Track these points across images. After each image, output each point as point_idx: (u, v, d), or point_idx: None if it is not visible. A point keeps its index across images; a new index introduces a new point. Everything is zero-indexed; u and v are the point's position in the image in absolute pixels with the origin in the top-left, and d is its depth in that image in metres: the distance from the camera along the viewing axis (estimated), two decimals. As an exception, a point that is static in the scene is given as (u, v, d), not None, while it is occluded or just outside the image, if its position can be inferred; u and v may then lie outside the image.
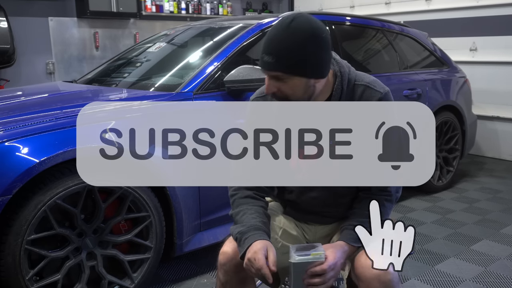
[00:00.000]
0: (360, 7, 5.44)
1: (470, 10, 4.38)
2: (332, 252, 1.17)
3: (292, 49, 1.12)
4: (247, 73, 2.09)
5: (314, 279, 1.13)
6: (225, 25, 2.65)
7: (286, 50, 1.12)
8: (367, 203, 1.18)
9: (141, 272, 1.92)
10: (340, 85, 1.24)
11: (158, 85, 2.29)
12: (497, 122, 4.40)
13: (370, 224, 1.13)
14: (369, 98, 1.25)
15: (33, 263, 1.71)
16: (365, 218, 1.17)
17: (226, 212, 2.19)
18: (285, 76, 1.15)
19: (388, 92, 1.27)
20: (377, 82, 1.28)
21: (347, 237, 1.23)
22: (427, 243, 2.58)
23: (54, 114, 1.82)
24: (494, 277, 2.19)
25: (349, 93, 1.25)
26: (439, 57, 3.56)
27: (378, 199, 1.21)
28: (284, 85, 1.17)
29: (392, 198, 1.31)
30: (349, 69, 1.28)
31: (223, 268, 1.24)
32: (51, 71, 4.84)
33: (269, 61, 1.14)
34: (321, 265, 1.13)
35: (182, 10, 5.66)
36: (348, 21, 3.02)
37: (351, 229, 1.18)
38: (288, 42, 1.12)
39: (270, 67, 1.15)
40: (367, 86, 1.26)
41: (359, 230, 1.13)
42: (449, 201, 3.28)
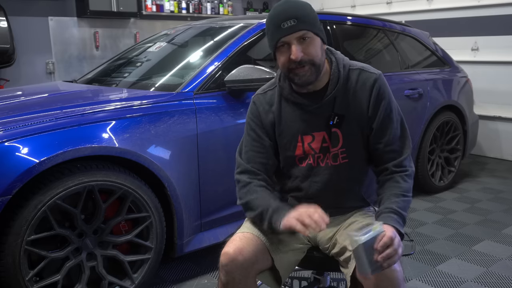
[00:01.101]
0: (362, 6, 5.43)
1: (472, 9, 4.37)
2: (386, 226, 1.17)
3: (306, 11, 1.25)
4: (248, 73, 2.08)
5: (388, 250, 1.11)
6: (226, 25, 2.64)
7: (303, 11, 1.25)
8: (391, 183, 1.30)
9: (141, 273, 1.92)
10: (337, 68, 1.33)
11: (159, 85, 2.28)
12: (499, 122, 4.39)
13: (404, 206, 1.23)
14: (366, 80, 1.33)
15: (33, 264, 1.70)
16: (397, 198, 1.26)
17: (227, 213, 2.20)
18: (308, 34, 1.24)
19: (381, 74, 1.35)
20: (370, 66, 1.37)
21: (390, 220, 1.22)
22: (429, 243, 2.57)
23: (54, 114, 1.81)
24: (495, 277, 2.18)
25: (346, 76, 1.33)
26: (440, 56, 3.55)
27: (399, 177, 1.31)
28: (308, 46, 1.25)
29: (410, 173, 1.34)
30: (342, 57, 1.37)
31: (225, 269, 1.24)
32: (51, 71, 4.83)
33: (292, 24, 1.22)
34: (387, 235, 1.11)
35: (183, 10, 5.65)
36: (350, 21, 3.01)
37: (391, 212, 1.24)
38: (300, 7, 1.25)
39: (295, 29, 1.23)
40: (362, 69, 1.35)
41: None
42: (450, 201, 3.27)
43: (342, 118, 1.33)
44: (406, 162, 1.35)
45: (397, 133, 1.35)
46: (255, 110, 1.41)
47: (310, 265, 1.46)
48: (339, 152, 1.35)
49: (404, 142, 1.36)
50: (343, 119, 1.33)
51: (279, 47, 1.26)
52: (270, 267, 1.33)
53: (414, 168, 1.37)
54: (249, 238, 1.29)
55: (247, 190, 1.34)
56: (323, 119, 1.34)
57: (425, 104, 3.18)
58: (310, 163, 1.37)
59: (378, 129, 1.33)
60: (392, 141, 1.34)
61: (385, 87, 1.34)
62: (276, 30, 1.24)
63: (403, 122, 1.39)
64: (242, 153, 1.40)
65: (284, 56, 1.27)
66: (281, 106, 1.38)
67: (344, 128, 1.33)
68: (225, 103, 2.16)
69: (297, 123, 1.36)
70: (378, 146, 1.35)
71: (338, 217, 1.41)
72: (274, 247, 1.32)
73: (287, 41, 1.24)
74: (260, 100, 1.41)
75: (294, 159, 1.38)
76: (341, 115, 1.32)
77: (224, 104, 2.16)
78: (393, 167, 1.33)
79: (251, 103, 1.43)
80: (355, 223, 1.35)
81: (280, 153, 1.40)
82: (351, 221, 1.37)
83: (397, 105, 1.38)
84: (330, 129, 1.34)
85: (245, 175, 1.37)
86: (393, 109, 1.35)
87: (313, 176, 1.37)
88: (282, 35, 1.23)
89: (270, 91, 1.41)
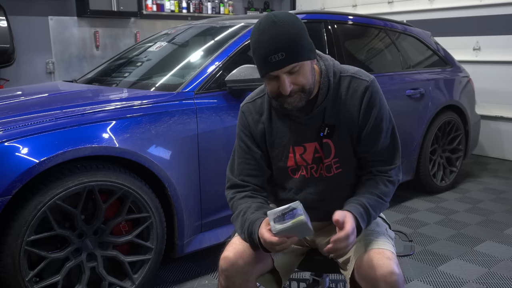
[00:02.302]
0: (363, 6, 5.42)
1: (474, 9, 4.36)
2: (348, 217, 1.17)
3: (293, 38, 1.15)
4: (249, 73, 2.07)
5: (339, 244, 1.12)
6: (227, 24, 2.63)
7: (290, 40, 1.15)
8: (371, 183, 1.28)
9: (141, 273, 1.91)
10: (327, 77, 1.27)
11: (159, 84, 2.27)
12: (501, 122, 4.38)
13: (377, 204, 1.23)
14: (356, 88, 1.28)
15: (33, 264, 1.70)
16: (371, 196, 1.25)
17: (227, 213, 2.19)
18: (298, 65, 1.17)
19: (373, 80, 1.29)
20: (362, 72, 1.31)
21: (353, 209, 1.21)
22: (430, 244, 2.56)
23: (54, 114, 1.80)
24: (497, 278, 2.17)
25: (336, 85, 1.28)
26: (442, 56, 3.54)
27: (380, 179, 1.28)
28: (297, 76, 1.19)
29: (393, 180, 1.32)
30: (333, 62, 1.31)
31: (224, 273, 1.23)
32: (51, 70, 4.82)
33: (280, 59, 1.15)
34: (344, 231, 1.13)
35: (183, 9, 5.64)
36: (351, 20, 3.00)
37: (359, 204, 1.22)
38: (286, 34, 1.15)
39: (283, 63, 1.15)
40: (353, 76, 1.29)
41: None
42: (452, 201, 3.26)
43: (333, 128, 1.29)
44: (393, 172, 1.31)
45: (386, 142, 1.31)
46: (244, 120, 1.36)
47: (309, 267, 1.45)
48: (332, 162, 1.31)
49: (393, 153, 1.32)
50: (334, 130, 1.29)
51: (267, 77, 1.21)
52: (270, 269, 1.32)
53: (400, 178, 1.34)
54: None
55: (231, 205, 1.35)
56: (313, 130, 1.30)
57: (426, 104, 3.17)
58: (303, 174, 1.33)
59: (366, 138, 1.29)
60: (380, 152, 1.30)
61: (377, 94, 1.28)
62: (263, 63, 1.17)
63: (395, 132, 1.33)
64: (235, 164, 1.37)
65: (272, 86, 1.21)
66: (271, 116, 1.34)
67: (335, 139, 1.30)
68: (225, 103, 2.15)
69: (288, 134, 1.32)
70: (365, 155, 1.32)
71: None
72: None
73: (276, 74, 1.18)
74: (250, 109, 1.36)
75: (286, 170, 1.35)
76: (332, 126, 1.28)
77: (225, 104, 2.15)
78: (377, 172, 1.31)
79: (239, 113, 1.39)
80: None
81: (273, 164, 1.37)
82: None
83: (389, 113, 1.33)
84: (322, 140, 1.30)
85: (231, 190, 1.36)
86: (384, 118, 1.30)
87: (308, 187, 1.34)
88: (269, 69, 1.17)
89: (259, 99, 1.36)
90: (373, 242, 1.23)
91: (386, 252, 1.18)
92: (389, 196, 1.31)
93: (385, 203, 1.29)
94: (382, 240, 1.24)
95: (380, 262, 1.15)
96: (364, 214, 1.22)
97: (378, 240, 1.24)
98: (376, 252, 1.18)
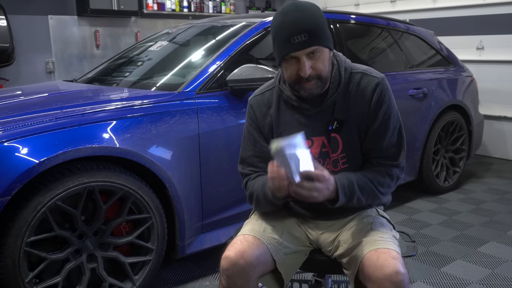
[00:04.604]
0: (365, 5, 5.40)
1: (477, 8, 4.34)
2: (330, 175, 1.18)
3: (316, 23, 1.20)
4: (250, 72, 2.06)
5: (314, 184, 1.13)
6: (228, 24, 2.62)
7: (314, 23, 1.19)
8: (368, 170, 1.30)
9: (142, 275, 1.90)
10: (338, 72, 1.29)
11: (160, 84, 2.26)
12: (505, 122, 4.36)
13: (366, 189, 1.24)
14: (367, 84, 1.29)
15: (33, 265, 1.69)
16: (364, 178, 1.26)
17: (229, 214, 2.18)
18: (318, 49, 1.20)
19: (384, 77, 1.31)
20: (373, 69, 1.33)
21: (337, 178, 1.22)
22: (433, 245, 2.54)
23: (54, 114, 1.79)
24: (501, 279, 2.15)
25: (347, 80, 1.30)
26: (445, 56, 3.52)
27: (378, 169, 1.30)
28: (317, 61, 1.21)
29: (393, 174, 1.31)
30: (344, 59, 1.33)
31: (226, 273, 1.22)
32: (51, 70, 4.81)
33: (303, 40, 1.17)
34: (324, 172, 1.15)
35: (184, 8, 5.63)
36: (353, 19, 2.98)
37: (347, 179, 1.24)
38: (311, 17, 1.19)
39: (306, 45, 1.18)
40: (364, 73, 1.31)
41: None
42: (455, 202, 3.24)
43: (341, 123, 1.29)
44: (394, 168, 1.31)
45: (392, 141, 1.31)
46: (252, 114, 1.39)
47: (312, 268, 1.44)
48: (339, 157, 1.32)
49: (397, 151, 1.32)
50: (342, 124, 1.30)
51: (286, 59, 1.22)
52: (272, 270, 1.31)
53: (401, 177, 1.34)
54: (251, 240, 1.27)
55: (245, 186, 1.39)
56: (322, 123, 1.31)
57: (429, 104, 3.15)
58: None
59: (373, 134, 1.30)
60: (384, 149, 1.30)
61: (387, 91, 1.30)
62: (285, 44, 1.19)
63: (401, 131, 1.34)
64: (245, 158, 1.40)
65: (291, 69, 1.23)
66: (280, 108, 1.35)
67: (343, 133, 1.30)
68: (227, 103, 2.14)
69: (295, 127, 1.32)
70: (370, 152, 1.32)
71: (340, 220, 1.38)
72: (276, 250, 1.30)
73: (296, 56, 1.20)
74: (258, 102, 1.38)
75: None
76: (341, 120, 1.29)
77: (226, 104, 2.14)
78: (378, 163, 1.31)
79: (248, 106, 1.41)
80: (356, 225, 1.33)
81: None
82: (353, 224, 1.35)
83: (397, 112, 1.33)
84: (330, 134, 1.31)
85: (245, 179, 1.40)
86: (392, 116, 1.30)
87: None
88: (291, 50, 1.19)
89: (267, 92, 1.39)
90: (379, 242, 1.22)
91: (392, 252, 1.18)
92: (384, 187, 1.30)
93: (376, 191, 1.29)
94: (387, 240, 1.24)
95: (386, 262, 1.15)
96: (347, 188, 1.23)
97: (383, 240, 1.24)
98: (382, 252, 1.18)
